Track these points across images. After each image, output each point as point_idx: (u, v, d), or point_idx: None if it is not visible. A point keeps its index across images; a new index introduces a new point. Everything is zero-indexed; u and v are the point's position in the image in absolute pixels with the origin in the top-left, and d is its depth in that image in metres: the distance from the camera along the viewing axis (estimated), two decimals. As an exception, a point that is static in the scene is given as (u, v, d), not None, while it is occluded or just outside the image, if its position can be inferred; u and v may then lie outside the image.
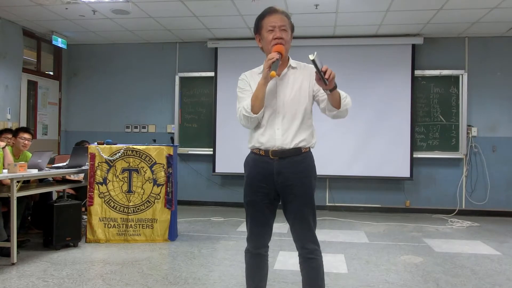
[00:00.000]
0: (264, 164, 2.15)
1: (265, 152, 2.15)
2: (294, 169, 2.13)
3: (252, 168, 2.20)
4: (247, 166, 2.23)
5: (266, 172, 2.14)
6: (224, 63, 6.95)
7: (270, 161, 2.14)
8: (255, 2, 5.08)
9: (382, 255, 4.15)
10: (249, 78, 2.23)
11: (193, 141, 7.17)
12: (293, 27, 2.23)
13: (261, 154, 2.16)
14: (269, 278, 2.16)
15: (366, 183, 6.77)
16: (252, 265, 2.26)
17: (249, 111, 2.08)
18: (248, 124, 2.14)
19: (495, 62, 6.58)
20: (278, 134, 2.12)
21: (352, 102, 2.33)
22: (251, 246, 2.24)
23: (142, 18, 5.98)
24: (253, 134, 2.19)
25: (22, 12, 5.79)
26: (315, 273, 2.18)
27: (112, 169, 4.56)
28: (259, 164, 2.17)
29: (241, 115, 2.13)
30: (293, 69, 2.21)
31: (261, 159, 2.16)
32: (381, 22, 6.01)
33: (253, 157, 2.21)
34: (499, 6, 5.24)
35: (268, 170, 2.14)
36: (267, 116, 2.14)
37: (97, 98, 7.56)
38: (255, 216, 2.20)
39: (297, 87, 2.17)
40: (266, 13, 2.19)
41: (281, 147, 2.12)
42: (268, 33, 2.14)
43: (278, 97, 2.15)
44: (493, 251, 4.39)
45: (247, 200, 2.21)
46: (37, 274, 3.44)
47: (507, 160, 6.55)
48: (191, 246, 4.41)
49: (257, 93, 2.08)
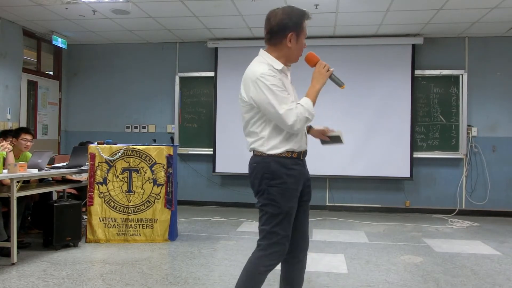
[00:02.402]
0: (299, 166, 2.11)
1: (298, 154, 2.10)
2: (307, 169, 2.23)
3: (288, 173, 2.05)
4: (282, 173, 2.04)
5: (301, 174, 2.12)
6: (224, 63, 6.95)
7: (303, 163, 2.15)
8: (255, 2, 5.08)
9: (382, 255, 4.15)
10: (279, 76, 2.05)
11: (193, 141, 7.17)
12: None
13: (293, 157, 2.08)
14: (268, 278, 2.15)
15: (366, 183, 6.77)
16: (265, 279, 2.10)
17: (313, 114, 2.04)
18: (303, 127, 2.06)
19: (495, 62, 6.58)
20: (305, 136, 2.17)
21: (352, 102, 2.39)
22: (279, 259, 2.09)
23: (142, 18, 5.98)
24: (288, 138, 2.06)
25: (22, 12, 5.79)
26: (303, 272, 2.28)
27: (112, 169, 4.57)
28: (294, 168, 2.07)
29: (302, 118, 1.99)
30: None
31: (295, 162, 2.08)
32: (381, 22, 6.01)
33: (285, 161, 2.05)
34: (499, 6, 5.24)
35: (301, 172, 2.13)
36: None
37: (97, 98, 7.56)
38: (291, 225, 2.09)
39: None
40: (306, 16, 2.09)
41: (306, 148, 2.17)
42: (303, 36, 2.11)
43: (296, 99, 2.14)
44: (493, 251, 4.39)
45: (290, 207, 2.05)
46: (37, 274, 3.45)
47: (507, 160, 6.55)
48: (191, 246, 4.41)
49: (316, 98, 2.07)
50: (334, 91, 2.29)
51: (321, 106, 2.54)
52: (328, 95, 6.71)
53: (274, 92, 1.97)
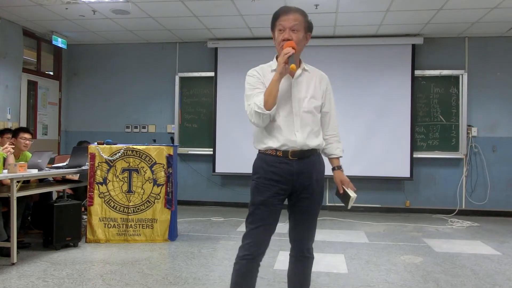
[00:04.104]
0: (283, 165, 2.10)
1: (283, 153, 2.10)
2: (313, 169, 2.15)
3: (267, 169, 2.10)
4: (260, 168, 2.12)
5: (285, 173, 2.10)
6: (224, 63, 6.95)
7: (289, 161, 2.10)
8: (255, 2, 5.08)
9: (382, 255, 4.15)
10: (261, 75, 2.14)
11: (193, 141, 7.17)
12: (309, 26, 2.18)
13: (278, 155, 2.10)
14: (268, 278, 2.16)
15: (366, 183, 6.77)
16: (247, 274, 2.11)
17: (262, 108, 2.02)
18: (259, 121, 2.06)
19: (495, 62, 6.58)
20: (298, 135, 2.10)
21: (353, 102, 2.37)
22: (254, 252, 2.08)
23: (142, 18, 5.98)
24: (267, 135, 2.12)
25: (22, 12, 5.79)
26: (308, 271, 2.25)
27: (112, 169, 4.56)
28: (276, 165, 2.09)
29: (252, 112, 2.05)
30: (306, 71, 2.20)
31: (279, 160, 2.09)
32: (381, 22, 6.01)
33: (267, 158, 2.12)
34: (499, 6, 5.24)
35: (287, 170, 2.10)
36: (283, 116, 2.10)
37: (97, 98, 7.56)
38: (265, 219, 2.09)
39: (311, 90, 2.17)
40: (279, 13, 2.14)
41: (302, 148, 2.11)
42: (278, 33, 2.12)
43: (293, 98, 2.13)
44: (493, 251, 4.39)
45: (260, 201, 2.08)
46: (37, 274, 3.44)
47: (507, 160, 6.55)
48: (191, 246, 4.41)
49: (271, 88, 2.03)
50: (334, 91, 2.28)
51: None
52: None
53: (246, 90, 2.14)
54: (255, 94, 2.09)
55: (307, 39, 2.18)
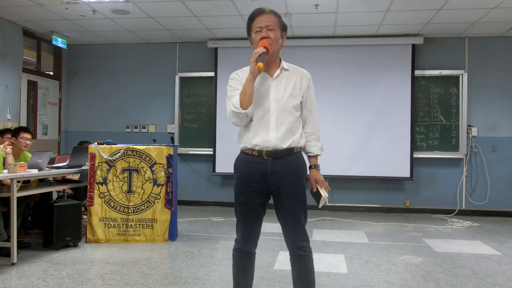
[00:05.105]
0: (258, 164, 2.18)
1: (259, 152, 2.17)
2: (288, 168, 2.18)
3: (244, 168, 2.23)
4: (239, 167, 2.27)
5: (260, 172, 2.18)
6: (224, 63, 6.95)
7: (264, 161, 2.17)
8: (255, 2, 5.08)
9: (382, 255, 4.15)
10: (241, 77, 2.21)
11: (193, 141, 7.18)
12: (284, 26, 2.23)
13: (254, 154, 2.19)
14: (269, 278, 2.16)
15: (366, 183, 6.77)
16: (241, 264, 2.34)
17: (238, 107, 2.09)
18: (237, 121, 2.15)
19: (495, 62, 6.58)
20: (272, 135, 2.15)
21: (353, 102, 2.38)
22: (242, 245, 2.28)
23: (142, 18, 5.98)
24: (245, 134, 2.21)
25: (22, 12, 5.79)
26: (306, 269, 2.24)
27: (112, 169, 4.57)
28: (251, 165, 2.19)
29: (230, 111, 2.14)
30: (285, 70, 2.24)
31: (254, 160, 2.19)
32: (381, 22, 6.01)
33: (245, 157, 2.24)
34: (499, 6, 5.24)
35: (261, 170, 2.17)
36: (260, 116, 2.16)
37: (97, 98, 7.56)
38: (247, 216, 2.25)
39: (290, 89, 2.20)
40: (254, 15, 2.20)
41: (275, 147, 2.15)
42: (256, 34, 2.17)
43: (271, 98, 2.17)
44: (493, 251, 4.39)
45: (240, 201, 2.26)
46: (37, 274, 3.45)
47: (507, 160, 6.55)
48: (191, 246, 4.41)
49: (245, 88, 2.10)
50: (334, 91, 2.28)
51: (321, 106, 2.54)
52: (328, 95, 6.77)
53: (227, 92, 2.23)
54: (234, 95, 2.17)
55: (283, 38, 2.23)
